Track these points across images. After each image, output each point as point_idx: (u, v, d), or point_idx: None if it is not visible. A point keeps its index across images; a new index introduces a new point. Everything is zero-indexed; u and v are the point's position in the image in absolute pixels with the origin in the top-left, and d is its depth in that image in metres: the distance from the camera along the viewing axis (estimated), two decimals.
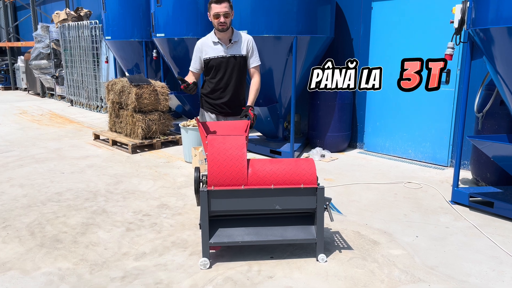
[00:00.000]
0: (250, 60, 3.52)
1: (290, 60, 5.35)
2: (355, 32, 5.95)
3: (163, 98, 6.27)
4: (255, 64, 3.54)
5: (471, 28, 3.58)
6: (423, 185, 4.58)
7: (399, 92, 5.57)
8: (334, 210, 3.28)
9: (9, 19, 16.24)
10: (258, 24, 5.15)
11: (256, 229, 3.00)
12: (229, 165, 2.88)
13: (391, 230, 3.47)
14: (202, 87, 3.62)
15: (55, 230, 3.48)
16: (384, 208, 3.94)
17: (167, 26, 6.50)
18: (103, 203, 4.09)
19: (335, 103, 5.79)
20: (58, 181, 4.74)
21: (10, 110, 10.23)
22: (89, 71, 10.02)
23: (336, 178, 4.85)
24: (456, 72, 5.03)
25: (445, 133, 5.23)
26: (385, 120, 5.82)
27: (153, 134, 6.27)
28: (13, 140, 6.84)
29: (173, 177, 4.91)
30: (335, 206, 3.33)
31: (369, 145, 6.06)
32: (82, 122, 8.56)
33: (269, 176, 2.90)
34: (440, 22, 5.06)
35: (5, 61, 15.94)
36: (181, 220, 3.68)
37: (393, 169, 5.21)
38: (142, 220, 3.70)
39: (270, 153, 5.79)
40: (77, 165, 5.41)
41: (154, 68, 8.19)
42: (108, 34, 7.95)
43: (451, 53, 3.81)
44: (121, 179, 4.82)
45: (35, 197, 4.24)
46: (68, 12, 10.83)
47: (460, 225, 3.56)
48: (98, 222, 3.65)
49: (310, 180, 2.90)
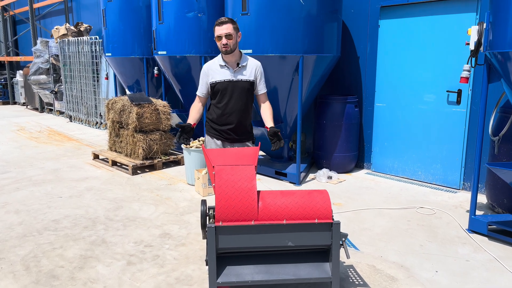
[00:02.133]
0: (259, 87, 3.37)
1: (296, 79, 5.20)
2: (362, 51, 5.82)
3: (164, 117, 6.10)
4: (264, 91, 3.41)
5: (488, 51, 3.44)
6: (436, 210, 4.39)
7: (408, 111, 5.43)
8: (350, 246, 3.10)
9: (9, 33, 16.16)
10: (263, 43, 5.01)
11: (267, 267, 2.80)
12: (238, 199, 2.70)
13: (408, 263, 3.27)
14: (208, 112, 3.45)
15: (51, 264, 3.27)
16: (398, 237, 3.75)
17: (169, 43, 6.36)
18: (102, 232, 3.89)
19: (341, 122, 5.63)
20: (56, 207, 4.54)
21: (7, 126, 10.05)
22: (89, 87, 9.87)
23: (345, 202, 4.66)
24: (467, 93, 4.88)
25: (457, 155, 5.06)
26: (393, 140, 5.65)
27: (154, 154, 6.09)
28: (9, 160, 6.64)
29: (176, 201, 4.72)
30: (351, 241, 3.15)
31: (377, 166, 5.89)
32: (81, 140, 8.38)
33: (281, 210, 2.71)
34: (451, 41, 4.93)
35: (3, 76, 15.80)
36: (185, 252, 3.48)
37: (403, 192, 5.03)
38: (143, 252, 3.50)
39: (275, 174, 5.61)
40: (75, 188, 5.21)
41: (155, 84, 8.05)
42: (109, 51, 7.82)
43: (467, 76, 3.66)
44: (121, 204, 4.62)
45: (31, 225, 4.04)
46: (68, 27, 10.72)
47: (480, 257, 3.37)
48: (97, 254, 3.45)
49: (324, 214, 2.71)
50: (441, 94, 5.10)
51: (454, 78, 4.96)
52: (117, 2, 7.41)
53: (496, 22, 3.32)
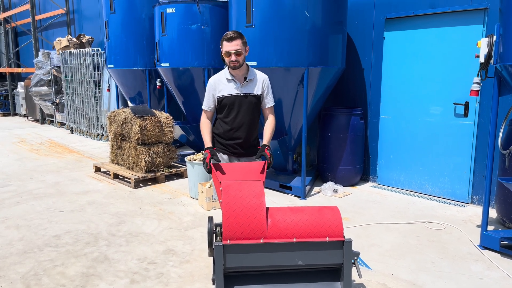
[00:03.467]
0: (266, 100, 3.31)
1: (301, 91, 5.14)
2: (367, 63, 5.77)
3: (167, 129, 6.03)
4: (271, 105, 3.34)
5: (498, 64, 3.38)
6: (445, 225, 4.30)
7: (414, 124, 5.36)
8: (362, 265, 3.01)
9: (10, 45, 16.18)
10: (267, 55, 4.97)
11: (276, 286, 2.71)
12: (246, 216, 2.61)
13: (421, 282, 3.18)
14: (214, 126, 3.38)
15: (52, 283, 3.17)
16: (408, 254, 3.65)
17: (172, 55, 6.33)
18: (104, 248, 3.79)
19: (347, 135, 5.56)
20: (57, 222, 4.45)
21: (8, 138, 9.98)
22: (90, 99, 9.83)
23: (352, 217, 4.57)
24: (475, 105, 4.82)
25: (465, 168, 4.98)
26: (399, 152, 5.58)
27: (157, 167, 6.01)
28: (10, 173, 6.56)
29: (179, 216, 4.63)
30: (362, 260, 3.06)
31: (383, 179, 5.80)
32: (82, 152, 8.30)
33: (291, 227, 2.63)
34: (457, 54, 4.89)
35: (4, 87, 15.79)
36: (190, 270, 3.38)
37: (411, 205, 4.94)
38: (147, 269, 3.40)
39: (279, 188, 5.52)
40: (77, 201, 5.12)
41: (158, 96, 8.00)
42: (111, 63, 7.78)
43: (478, 89, 3.61)
44: (124, 219, 4.53)
45: (31, 241, 3.94)
46: (70, 39, 10.72)
47: (494, 275, 3.27)
48: (100, 272, 3.35)
49: (336, 232, 2.63)
50: (448, 107, 5.04)
51: (461, 90, 4.90)
52: (120, 14, 7.39)
53: (507, 34, 3.27)
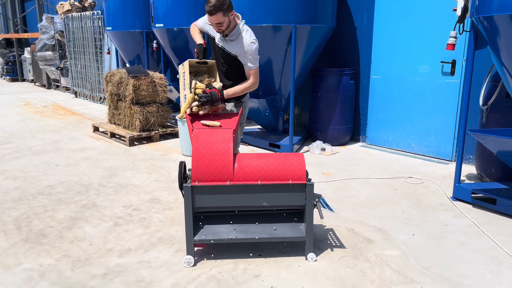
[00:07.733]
0: (243, 62, 3.21)
1: (290, 50, 5.19)
2: (358, 22, 5.75)
3: (161, 89, 6.16)
4: (249, 68, 3.20)
5: (474, 16, 3.39)
6: (424, 180, 4.42)
7: (403, 83, 5.39)
8: (325, 207, 3.16)
9: (17, 10, 16.26)
10: (256, 13, 4.99)
11: (244, 226, 2.89)
12: (214, 160, 2.76)
13: (387, 227, 3.33)
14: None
15: (41, 224, 3.41)
16: (381, 204, 3.80)
17: (166, 16, 6.37)
18: (94, 197, 4.01)
19: (337, 95, 5.62)
20: (52, 174, 4.68)
21: (14, 101, 10.23)
22: (92, 63, 9.96)
23: (335, 172, 4.71)
24: (462, 63, 4.83)
25: (450, 127, 5.04)
26: (388, 112, 5.64)
27: (152, 126, 6.18)
28: (13, 132, 6.81)
29: (168, 170, 4.82)
30: (326, 203, 3.21)
31: (372, 139, 5.90)
32: (84, 114, 8.51)
33: (256, 171, 2.77)
34: (446, 11, 4.85)
35: (12, 53, 15.97)
36: (171, 215, 3.59)
37: (395, 163, 5.05)
38: (131, 214, 3.61)
39: (269, 146, 5.66)
40: (73, 157, 5.35)
41: (156, 59, 8.09)
42: (109, 25, 7.85)
43: (454, 43, 3.63)
44: (115, 172, 4.74)
45: (26, 190, 4.18)
46: (72, 3, 10.76)
47: (460, 223, 3.41)
48: (87, 216, 3.58)
49: (299, 175, 2.77)
50: (436, 65, 5.05)
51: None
52: None
53: None
